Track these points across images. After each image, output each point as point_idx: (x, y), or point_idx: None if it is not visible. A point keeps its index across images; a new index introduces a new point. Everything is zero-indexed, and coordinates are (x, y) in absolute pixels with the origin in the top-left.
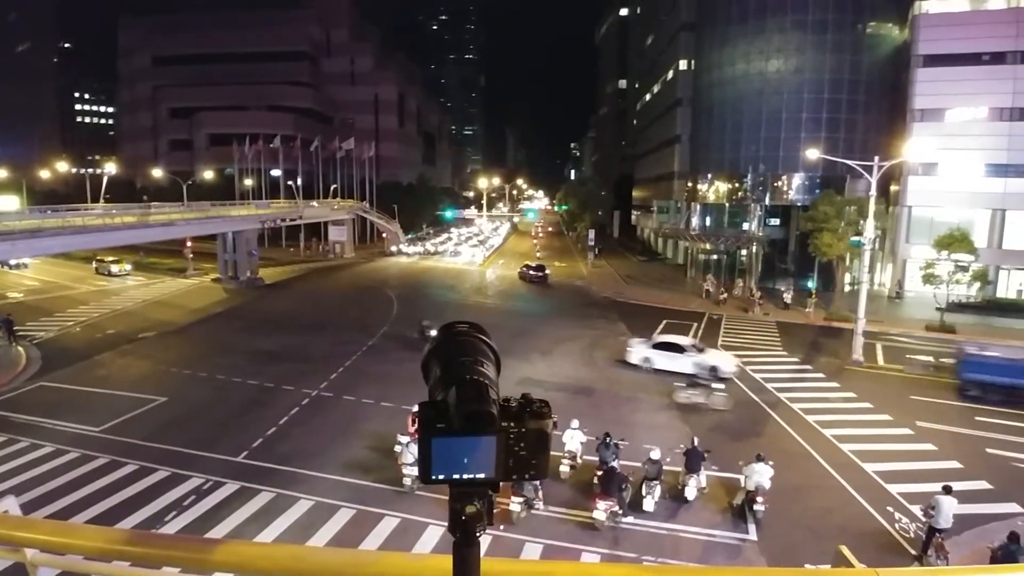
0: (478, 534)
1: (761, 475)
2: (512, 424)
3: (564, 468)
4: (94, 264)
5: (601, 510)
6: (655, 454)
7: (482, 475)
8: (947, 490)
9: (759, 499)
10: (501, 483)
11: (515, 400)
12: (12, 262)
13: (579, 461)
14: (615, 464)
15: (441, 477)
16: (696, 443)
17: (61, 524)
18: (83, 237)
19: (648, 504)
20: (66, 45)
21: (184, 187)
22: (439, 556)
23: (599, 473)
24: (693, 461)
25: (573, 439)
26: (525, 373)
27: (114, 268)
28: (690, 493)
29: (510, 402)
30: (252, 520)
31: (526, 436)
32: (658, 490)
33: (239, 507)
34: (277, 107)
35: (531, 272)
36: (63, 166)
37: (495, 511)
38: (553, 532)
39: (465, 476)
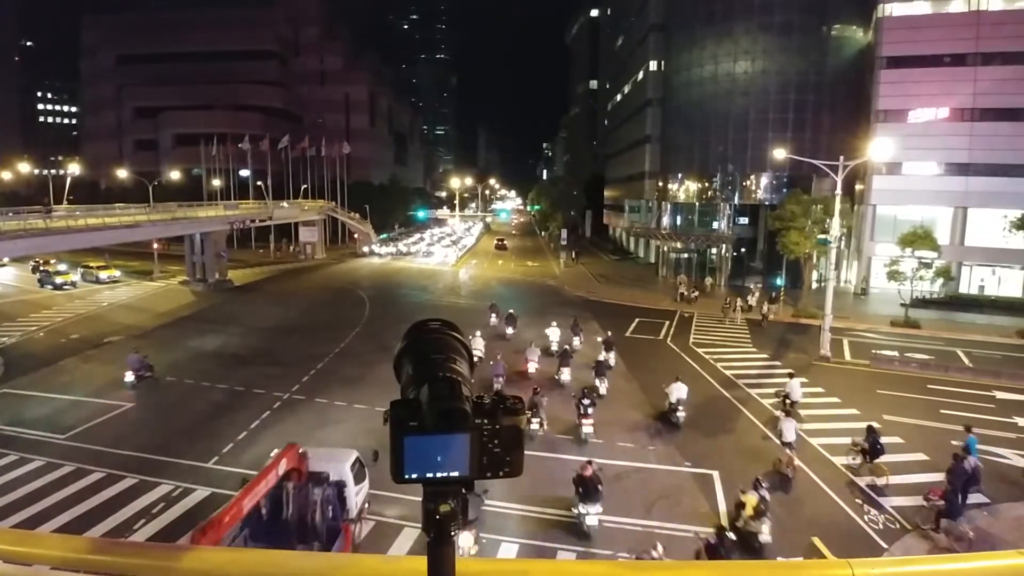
0: (452, 534)
1: (679, 391)
2: (486, 421)
3: (554, 348)
4: (80, 270)
5: (588, 425)
6: (603, 388)
7: (456, 473)
8: (791, 375)
9: (680, 408)
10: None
11: (488, 397)
12: (58, 280)
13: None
14: (578, 341)
15: (414, 476)
16: (609, 335)
17: (23, 533)
18: (45, 240)
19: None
20: (27, 43)
21: (150, 188)
22: (413, 557)
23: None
24: (608, 343)
25: (553, 332)
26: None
27: (102, 275)
28: (612, 360)
29: (483, 399)
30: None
31: (500, 433)
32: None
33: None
34: (245, 106)
35: (500, 242)
36: (25, 167)
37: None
38: (529, 532)
39: (439, 475)
